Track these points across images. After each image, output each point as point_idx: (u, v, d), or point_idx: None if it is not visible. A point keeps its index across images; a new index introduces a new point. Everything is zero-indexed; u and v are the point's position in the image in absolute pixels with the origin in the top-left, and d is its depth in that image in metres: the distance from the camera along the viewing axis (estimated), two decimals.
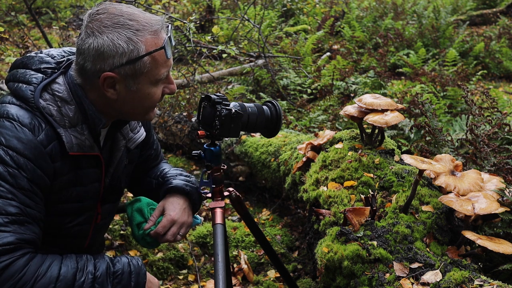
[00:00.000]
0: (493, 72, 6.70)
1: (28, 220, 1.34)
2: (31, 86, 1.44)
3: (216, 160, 1.73)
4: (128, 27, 1.40)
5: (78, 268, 1.36)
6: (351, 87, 5.16)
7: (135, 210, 1.77)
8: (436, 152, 2.76)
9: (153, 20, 1.45)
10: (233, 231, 3.22)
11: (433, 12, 7.91)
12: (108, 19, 1.39)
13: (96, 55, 1.39)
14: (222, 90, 5.63)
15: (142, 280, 1.48)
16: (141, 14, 1.44)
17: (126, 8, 1.44)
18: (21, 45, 3.84)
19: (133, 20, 1.41)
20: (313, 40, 6.67)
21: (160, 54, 1.45)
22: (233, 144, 3.70)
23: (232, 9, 8.88)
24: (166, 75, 1.51)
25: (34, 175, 1.36)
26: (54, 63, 1.52)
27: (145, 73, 1.44)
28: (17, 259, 1.28)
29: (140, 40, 1.41)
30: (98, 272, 1.38)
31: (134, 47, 1.40)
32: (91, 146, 1.51)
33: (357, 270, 1.69)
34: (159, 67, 1.46)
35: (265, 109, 1.77)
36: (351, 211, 1.84)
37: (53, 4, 10.44)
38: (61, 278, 1.32)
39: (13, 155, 1.33)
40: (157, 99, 1.52)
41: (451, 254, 1.71)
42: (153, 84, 1.48)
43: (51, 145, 1.41)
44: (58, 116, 1.44)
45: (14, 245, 1.29)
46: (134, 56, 1.40)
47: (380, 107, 2.18)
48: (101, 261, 1.42)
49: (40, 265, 1.31)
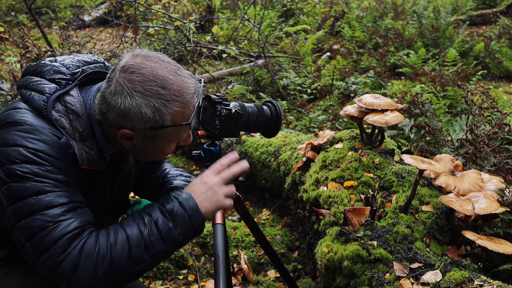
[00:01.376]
0: (493, 72, 6.70)
1: (79, 205, 1.38)
2: (44, 97, 1.42)
3: (216, 160, 1.72)
4: (158, 97, 1.37)
5: (137, 223, 1.39)
6: (351, 87, 5.16)
7: (135, 211, 1.77)
8: (436, 152, 2.77)
9: (185, 90, 1.41)
10: (233, 231, 3.22)
11: (433, 12, 7.91)
12: (140, 83, 1.36)
13: (121, 113, 1.38)
14: (222, 90, 5.63)
15: (198, 213, 1.44)
16: (175, 79, 1.39)
17: (161, 69, 1.39)
18: (21, 45, 3.84)
19: (166, 88, 1.38)
20: (313, 40, 6.67)
21: (185, 126, 1.45)
22: (233, 144, 3.70)
23: (232, 9, 8.88)
24: (185, 136, 1.52)
25: (65, 171, 1.38)
26: (69, 74, 1.49)
27: (165, 137, 1.45)
28: (87, 239, 1.32)
29: (168, 112, 1.39)
30: (157, 220, 1.40)
31: (160, 118, 1.38)
32: (100, 161, 1.51)
33: (357, 270, 1.69)
34: (181, 132, 1.48)
35: (265, 109, 1.77)
36: (351, 211, 1.84)
37: (53, 4, 10.45)
38: (131, 237, 1.35)
39: (43, 156, 1.34)
40: (171, 151, 1.55)
41: (451, 254, 1.71)
42: (170, 143, 1.50)
43: (71, 150, 1.42)
44: (70, 129, 1.44)
45: (80, 228, 1.33)
46: (158, 125, 1.40)
47: (380, 107, 2.18)
48: (152, 208, 1.44)
49: (108, 236, 1.35)
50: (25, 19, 9.30)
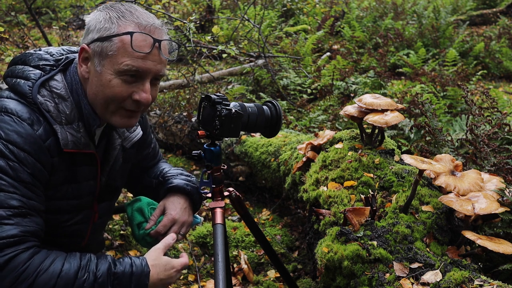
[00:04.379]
0: (493, 72, 6.71)
1: (30, 212, 1.35)
2: (29, 82, 1.45)
3: (216, 160, 1.73)
4: (118, 11, 1.44)
5: (80, 266, 1.36)
6: (351, 87, 5.16)
7: (135, 210, 1.77)
8: (436, 152, 2.76)
9: (148, 19, 1.45)
10: (233, 231, 3.22)
11: (433, 12, 7.91)
12: (113, 4, 1.45)
13: (86, 30, 1.47)
14: (222, 90, 5.63)
15: (143, 282, 1.44)
16: (144, 13, 1.45)
17: (140, 7, 1.48)
18: (21, 45, 3.84)
19: (129, 11, 1.44)
20: (313, 40, 6.67)
21: (128, 42, 1.40)
22: (233, 144, 3.70)
23: (232, 9, 8.88)
24: (129, 69, 1.42)
25: (34, 169, 1.37)
26: (53, 61, 1.53)
27: (110, 57, 1.42)
28: (21, 252, 1.29)
29: (119, 23, 1.42)
30: (99, 272, 1.38)
31: (109, 26, 1.42)
32: (87, 144, 1.51)
33: (357, 270, 1.69)
34: (125, 56, 1.41)
35: (265, 109, 1.77)
36: (351, 211, 1.84)
37: (53, 4, 10.45)
38: (63, 275, 1.32)
39: (13, 149, 1.34)
40: (119, 94, 1.44)
41: (451, 254, 1.71)
42: (116, 74, 1.42)
43: (49, 140, 1.42)
44: (55, 113, 1.45)
45: (18, 238, 1.29)
46: (105, 35, 1.42)
47: (380, 107, 2.18)
48: (103, 261, 1.42)
49: (43, 260, 1.32)
50: (25, 19, 9.30)
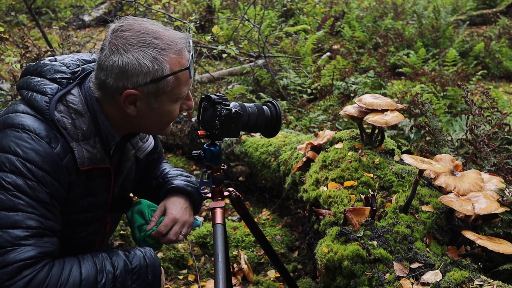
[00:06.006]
0: (493, 72, 6.70)
1: (47, 233, 1.34)
2: (46, 97, 1.42)
3: (216, 160, 1.72)
4: (153, 46, 1.38)
5: (97, 269, 1.37)
6: (351, 87, 5.16)
7: (136, 212, 1.77)
8: (436, 152, 2.76)
9: (177, 38, 1.43)
10: (233, 231, 3.22)
11: (433, 12, 7.91)
12: (134, 37, 1.38)
13: (120, 72, 1.38)
14: (222, 90, 5.62)
15: (158, 272, 1.50)
16: (165, 32, 1.43)
17: (151, 25, 1.42)
18: (21, 45, 3.84)
19: (158, 38, 1.40)
20: (313, 40, 6.67)
21: (184, 73, 1.45)
22: (233, 144, 3.70)
23: (232, 9, 8.87)
24: (186, 93, 1.51)
25: (52, 188, 1.36)
26: (69, 73, 1.49)
27: (168, 92, 1.44)
28: (39, 272, 1.28)
29: (165, 59, 1.39)
30: (117, 271, 1.39)
31: (159, 66, 1.39)
32: (102, 159, 1.51)
33: (357, 270, 1.69)
34: (182, 86, 1.47)
35: (265, 109, 1.77)
36: (351, 211, 1.84)
37: (53, 4, 10.45)
38: (84, 283, 1.33)
39: (32, 168, 1.32)
40: (176, 115, 1.54)
41: (451, 254, 1.71)
42: (174, 102, 1.49)
43: (66, 157, 1.40)
44: (72, 130, 1.43)
45: (36, 259, 1.29)
46: (159, 76, 1.40)
47: (380, 107, 2.18)
48: (118, 259, 1.43)
49: (61, 273, 1.31)
50: (25, 19, 9.30)
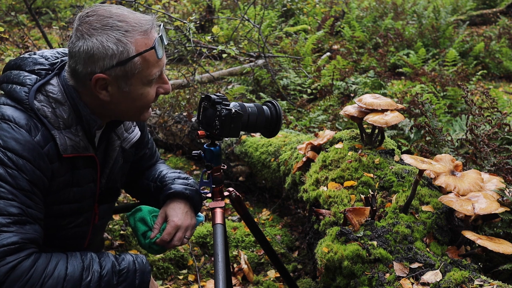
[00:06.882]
0: (493, 72, 6.70)
1: (29, 220, 1.34)
2: (25, 88, 1.43)
3: (216, 160, 1.72)
4: (117, 28, 1.39)
5: (84, 267, 1.37)
6: (351, 87, 5.16)
7: (138, 220, 1.76)
8: (436, 152, 2.77)
9: (143, 20, 1.44)
10: (233, 231, 3.22)
11: (433, 12, 7.91)
12: (97, 21, 1.39)
13: (86, 57, 1.39)
14: (222, 90, 5.62)
15: (147, 279, 1.48)
16: (130, 14, 1.43)
17: (116, 9, 1.43)
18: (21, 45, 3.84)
19: (123, 21, 1.40)
20: (313, 40, 6.67)
21: (151, 54, 1.44)
22: (233, 144, 3.70)
23: (232, 9, 8.88)
24: (158, 75, 1.49)
25: (33, 176, 1.36)
26: (48, 65, 1.51)
27: (137, 74, 1.44)
28: (23, 260, 1.28)
29: (129, 41, 1.40)
30: (104, 271, 1.39)
31: (123, 48, 1.39)
32: (86, 147, 1.51)
33: (357, 270, 1.69)
34: (151, 67, 1.45)
35: (265, 109, 1.77)
36: (351, 211, 1.84)
37: (53, 4, 10.45)
38: (68, 278, 1.32)
39: (12, 157, 1.33)
40: (151, 99, 1.52)
41: (451, 254, 1.71)
42: (146, 85, 1.48)
43: (47, 146, 1.41)
44: (52, 118, 1.44)
45: (19, 245, 1.29)
46: (124, 58, 1.40)
47: (380, 107, 2.18)
48: (106, 259, 1.43)
49: (47, 265, 1.32)
50: (25, 19, 9.30)
